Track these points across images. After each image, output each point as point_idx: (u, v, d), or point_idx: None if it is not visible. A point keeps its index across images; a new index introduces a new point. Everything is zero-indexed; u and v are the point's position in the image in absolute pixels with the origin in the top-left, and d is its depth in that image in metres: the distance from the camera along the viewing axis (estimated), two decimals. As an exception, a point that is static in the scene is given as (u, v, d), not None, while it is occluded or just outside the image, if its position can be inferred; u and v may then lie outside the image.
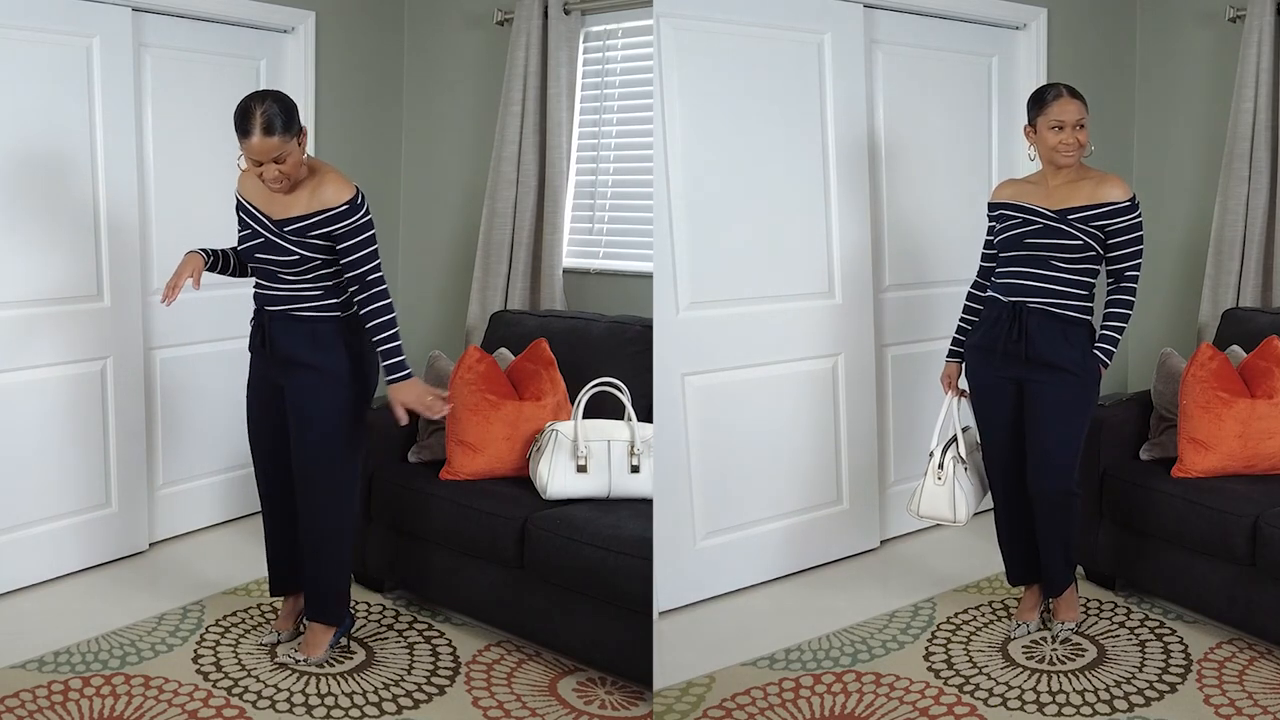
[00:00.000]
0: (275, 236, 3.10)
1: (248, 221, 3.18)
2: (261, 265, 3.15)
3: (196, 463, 4.40)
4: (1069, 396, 3.28)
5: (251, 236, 3.16)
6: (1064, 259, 3.25)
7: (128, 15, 3.94)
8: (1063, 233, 3.23)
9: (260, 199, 3.15)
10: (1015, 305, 3.29)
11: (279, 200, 3.11)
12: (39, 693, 3.06)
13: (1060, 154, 3.25)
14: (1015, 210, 3.33)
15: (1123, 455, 3.79)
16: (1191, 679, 3.17)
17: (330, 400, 3.16)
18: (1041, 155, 3.32)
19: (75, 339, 3.88)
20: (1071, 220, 3.24)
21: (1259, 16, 4.16)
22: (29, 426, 3.79)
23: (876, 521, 4.24)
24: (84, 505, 3.97)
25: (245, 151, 2.98)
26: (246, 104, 2.97)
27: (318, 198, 3.06)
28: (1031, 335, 3.27)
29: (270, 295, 3.17)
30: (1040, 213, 3.27)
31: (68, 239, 3.84)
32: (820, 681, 3.23)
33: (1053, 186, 3.30)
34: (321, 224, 3.06)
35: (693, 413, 3.75)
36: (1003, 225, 3.36)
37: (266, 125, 2.93)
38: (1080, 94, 3.27)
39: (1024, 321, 3.27)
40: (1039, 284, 3.27)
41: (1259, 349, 3.70)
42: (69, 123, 3.81)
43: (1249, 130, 4.21)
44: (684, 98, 3.68)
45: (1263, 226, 4.23)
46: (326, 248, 3.08)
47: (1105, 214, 3.23)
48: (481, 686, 3.22)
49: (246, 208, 3.18)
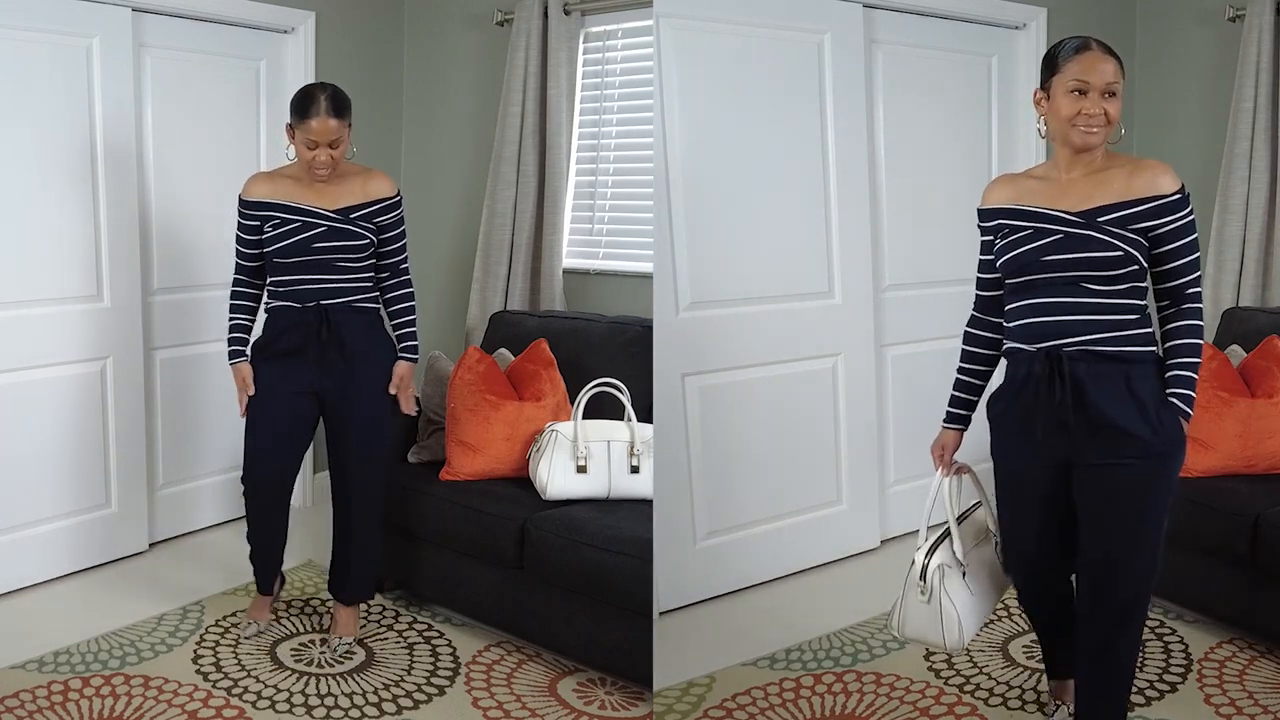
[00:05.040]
0: (343, 224, 3.22)
1: (290, 219, 3.21)
2: (320, 257, 3.21)
3: (196, 463, 4.41)
4: (1152, 483, 2.41)
5: (301, 230, 3.20)
6: (1100, 278, 2.38)
7: (128, 15, 3.94)
8: (1094, 241, 2.37)
9: (299, 195, 3.23)
10: (1049, 353, 2.39)
11: (326, 192, 3.23)
12: (39, 693, 3.06)
13: (1080, 129, 2.38)
14: (1021, 217, 2.46)
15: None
16: (1192, 679, 3.17)
17: (385, 388, 3.35)
18: (1053, 132, 2.46)
19: (75, 339, 3.88)
20: (1104, 224, 2.38)
21: (1259, 16, 4.16)
22: (29, 426, 3.79)
23: (876, 521, 4.24)
24: (84, 505, 3.97)
25: (306, 133, 3.11)
26: (309, 89, 3.15)
27: (372, 188, 3.28)
28: (1082, 390, 2.37)
29: (328, 289, 3.24)
30: (1058, 217, 2.41)
31: (68, 239, 3.84)
32: (820, 681, 3.23)
33: (1070, 179, 2.45)
34: (378, 213, 3.27)
35: (693, 413, 3.75)
36: (1007, 241, 2.47)
37: (334, 107, 3.11)
38: (1115, 51, 2.41)
39: (1067, 374, 2.38)
40: (1073, 317, 2.38)
41: (1259, 349, 3.70)
42: (69, 123, 3.81)
43: (1249, 130, 4.21)
44: (684, 98, 3.68)
45: (1262, 226, 4.23)
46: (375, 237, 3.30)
47: (1148, 212, 2.38)
48: (481, 687, 3.22)
49: (284, 206, 3.22)
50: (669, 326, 3.69)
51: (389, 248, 3.33)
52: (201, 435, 4.41)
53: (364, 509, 3.40)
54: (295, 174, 3.26)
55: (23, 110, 3.68)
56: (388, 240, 3.32)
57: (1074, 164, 2.45)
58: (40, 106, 3.72)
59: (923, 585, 2.64)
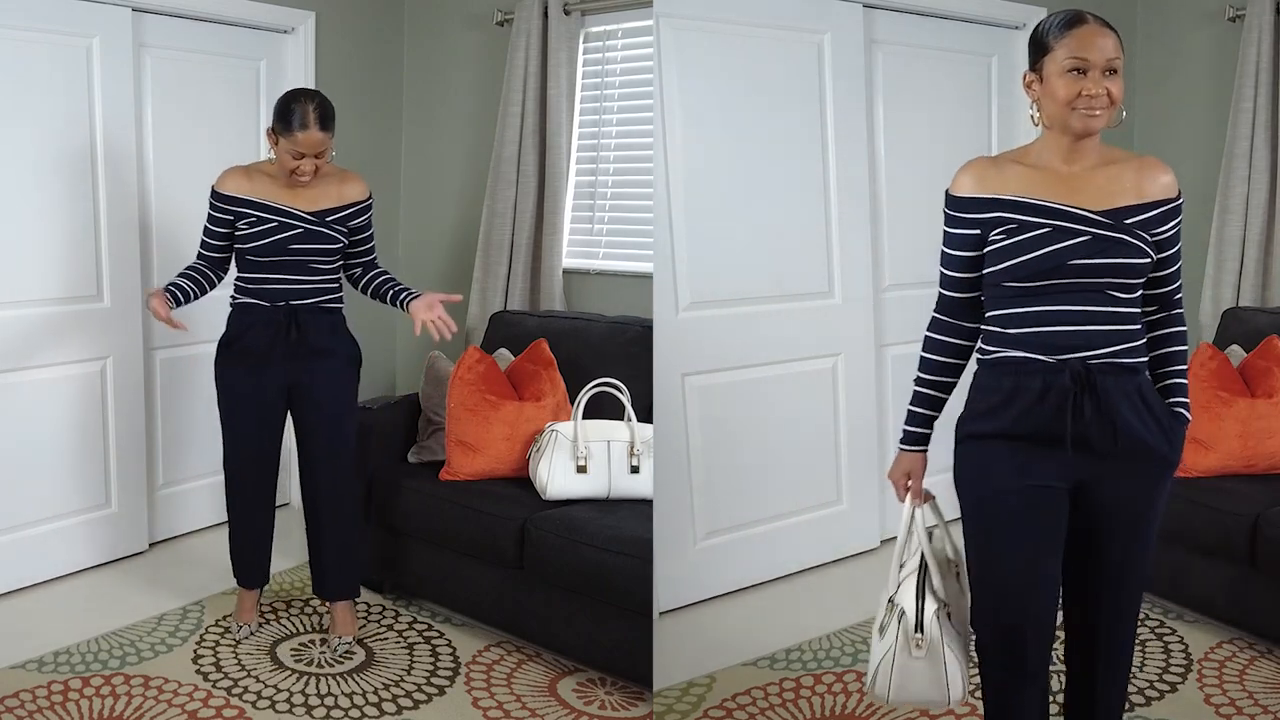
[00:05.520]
0: (319, 227, 3.25)
1: (267, 218, 3.22)
2: (294, 258, 3.24)
3: (196, 463, 4.40)
4: (1159, 492, 2.24)
5: (278, 230, 3.21)
6: (1124, 285, 2.16)
7: (128, 15, 3.94)
8: (1124, 246, 2.15)
9: (276, 195, 3.24)
10: (1075, 366, 2.14)
11: (303, 194, 3.25)
12: (39, 693, 3.06)
13: (1081, 112, 2.13)
14: (1033, 212, 2.17)
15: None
16: (1192, 679, 3.17)
17: (350, 384, 3.41)
18: (1048, 117, 2.20)
19: (75, 339, 3.88)
20: (1131, 226, 2.17)
21: (1259, 16, 4.16)
22: (29, 426, 3.79)
23: (876, 521, 4.24)
24: (84, 505, 3.98)
25: (293, 144, 3.12)
26: (296, 98, 3.14)
27: (347, 191, 3.32)
28: (1113, 407, 2.15)
29: (298, 289, 3.27)
30: (1085, 216, 2.15)
31: (68, 239, 3.84)
32: (820, 681, 3.23)
33: (1076, 173, 2.20)
34: (352, 215, 3.32)
35: (693, 413, 3.75)
36: (1016, 240, 2.17)
37: (321, 119, 3.12)
38: (1112, 25, 2.19)
39: (1097, 388, 2.14)
40: (1098, 327, 2.15)
41: (1259, 348, 3.70)
42: (69, 123, 3.81)
43: (1249, 130, 4.21)
44: (684, 98, 3.68)
45: (1262, 226, 4.23)
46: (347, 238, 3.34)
47: (1161, 216, 2.21)
48: (481, 687, 3.22)
49: (261, 204, 3.22)
50: (669, 326, 3.69)
51: (362, 247, 3.40)
52: (201, 435, 4.40)
53: (334, 505, 3.42)
54: (272, 172, 3.27)
55: (23, 110, 3.68)
56: (360, 240, 3.38)
57: (1074, 154, 2.19)
58: (40, 106, 3.72)
59: (920, 637, 2.29)
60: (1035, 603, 2.23)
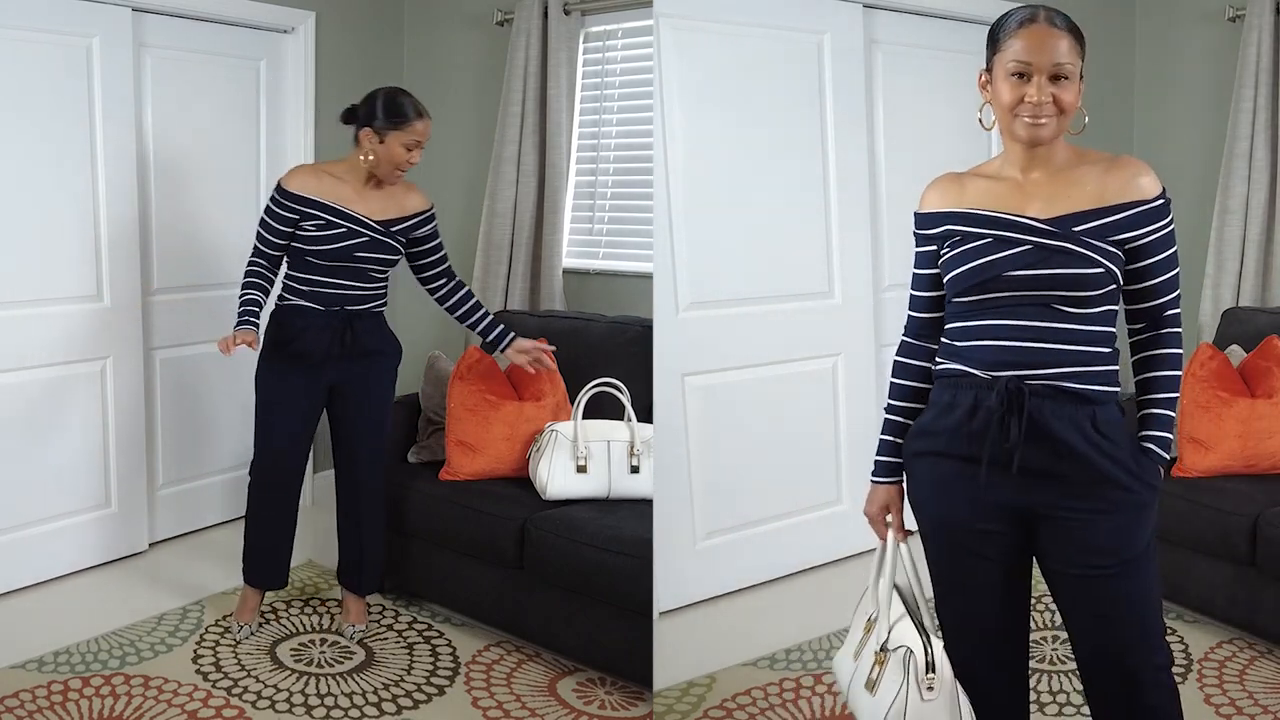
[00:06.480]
0: (384, 237, 3.28)
1: (337, 223, 3.22)
2: (356, 265, 3.26)
3: (196, 462, 4.41)
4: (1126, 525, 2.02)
5: (347, 236, 3.23)
6: (1073, 299, 2.00)
7: (128, 15, 3.94)
8: (1069, 255, 2.00)
9: (345, 199, 3.24)
10: (1007, 385, 2.00)
11: (371, 203, 3.28)
12: (39, 693, 3.06)
13: (1025, 120, 2.01)
14: (976, 223, 2.07)
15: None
16: (1192, 679, 3.17)
17: (393, 383, 3.49)
18: (998, 121, 2.10)
19: (75, 339, 3.88)
20: (1080, 234, 2.01)
21: (1259, 16, 4.16)
22: (29, 427, 3.79)
23: (876, 521, 4.24)
24: (84, 505, 3.98)
25: (412, 134, 3.19)
26: (394, 94, 3.23)
27: (409, 202, 3.36)
28: (1044, 433, 2.00)
29: (354, 295, 3.31)
30: (1025, 224, 2.02)
31: (68, 239, 3.84)
32: (820, 681, 3.23)
33: (1031, 180, 2.07)
34: (415, 226, 3.37)
35: (693, 413, 3.75)
36: (958, 251, 2.08)
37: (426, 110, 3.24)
38: (1074, 24, 2.04)
39: (1026, 411, 1.99)
40: (1039, 344, 2.01)
41: (1259, 349, 3.70)
42: (69, 123, 3.81)
43: (1249, 130, 4.21)
44: (684, 98, 3.68)
45: (1262, 226, 4.23)
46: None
47: (1127, 220, 2.02)
48: (481, 687, 3.22)
49: (331, 208, 3.22)
50: (669, 326, 3.69)
51: (434, 256, 3.46)
52: (201, 435, 4.41)
53: (372, 501, 3.49)
54: (340, 174, 3.26)
55: (23, 110, 3.68)
56: (431, 250, 3.45)
57: (1032, 162, 2.06)
58: (40, 106, 3.72)
59: (933, 678, 2.10)
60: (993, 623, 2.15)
